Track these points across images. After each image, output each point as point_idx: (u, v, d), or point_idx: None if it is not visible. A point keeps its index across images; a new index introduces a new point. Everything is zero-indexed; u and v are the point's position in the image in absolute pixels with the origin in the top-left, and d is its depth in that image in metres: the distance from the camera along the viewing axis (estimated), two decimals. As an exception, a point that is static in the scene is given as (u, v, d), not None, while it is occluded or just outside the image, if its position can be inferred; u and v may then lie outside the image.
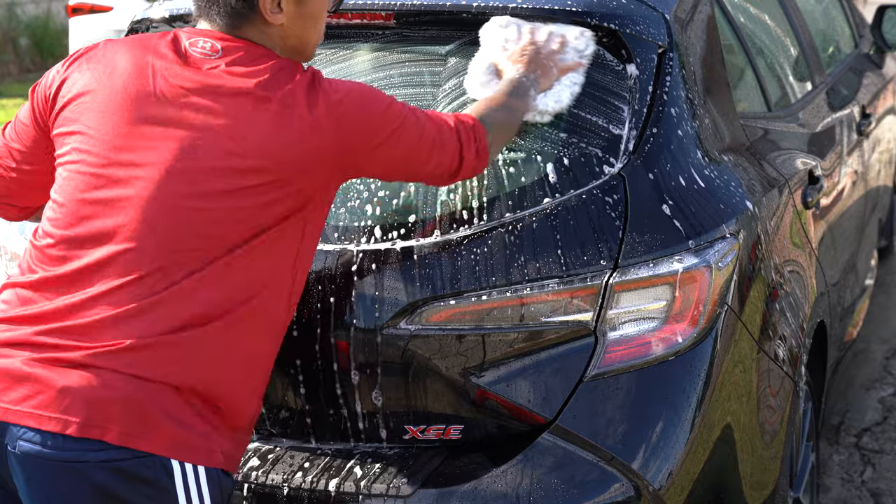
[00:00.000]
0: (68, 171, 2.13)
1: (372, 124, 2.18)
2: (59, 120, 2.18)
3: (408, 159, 2.25)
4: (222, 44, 2.17)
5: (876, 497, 3.66)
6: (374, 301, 2.45)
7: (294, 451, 2.56)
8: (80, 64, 2.22)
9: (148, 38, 2.23)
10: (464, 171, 2.32)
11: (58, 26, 14.17)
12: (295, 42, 2.25)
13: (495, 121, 2.39)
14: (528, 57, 2.53)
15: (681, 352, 2.43)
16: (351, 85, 2.20)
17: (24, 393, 2.01)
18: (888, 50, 5.07)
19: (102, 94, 2.14)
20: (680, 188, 2.54)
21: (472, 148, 2.31)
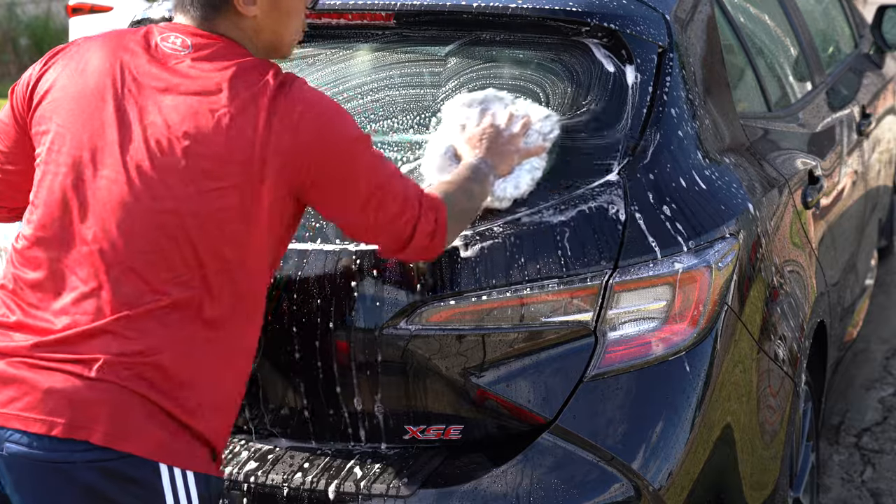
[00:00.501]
0: (42, 172, 2.12)
1: (329, 145, 2.10)
2: (35, 119, 2.17)
3: (358, 201, 2.15)
4: (193, 40, 2.13)
5: (876, 497, 3.66)
6: (374, 301, 2.44)
7: (294, 451, 2.56)
8: (55, 62, 2.19)
9: (122, 34, 2.20)
10: (413, 246, 2.21)
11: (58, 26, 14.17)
12: (269, 37, 2.20)
13: (456, 205, 2.29)
14: (487, 142, 2.45)
15: (681, 352, 2.43)
16: (320, 100, 2.12)
17: (11, 395, 2.01)
18: (888, 50, 5.07)
19: (73, 92, 2.12)
20: (680, 188, 2.54)
21: (431, 223, 2.20)
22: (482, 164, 2.41)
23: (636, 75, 2.61)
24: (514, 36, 2.68)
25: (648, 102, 2.59)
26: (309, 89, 2.12)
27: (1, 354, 2.04)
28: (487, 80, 2.66)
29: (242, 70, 2.10)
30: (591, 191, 2.48)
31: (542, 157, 2.50)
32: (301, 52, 2.79)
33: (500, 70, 2.67)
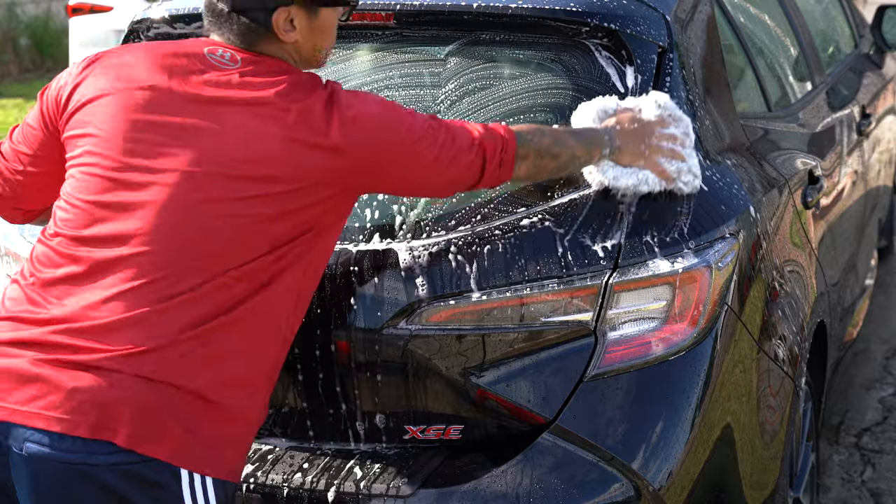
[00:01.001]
0: (81, 173, 2.13)
1: (387, 144, 2.17)
2: (70, 123, 2.18)
3: (423, 177, 2.24)
4: (241, 55, 2.19)
5: (876, 497, 3.66)
6: (374, 301, 2.44)
7: (294, 451, 2.56)
8: (94, 68, 2.21)
9: (165, 45, 2.24)
10: (484, 182, 2.30)
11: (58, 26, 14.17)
12: (308, 53, 2.26)
13: (535, 142, 2.34)
14: (633, 129, 2.48)
15: (681, 352, 2.43)
16: (370, 100, 2.19)
17: (32, 394, 2.00)
18: (888, 50, 5.07)
19: (116, 99, 2.14)
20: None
21: (496, 159, 2.28)
22: (606, 136, 2.44)
23: (636, 75, 2.61)
24: (515, 36, 2.68)
25: (648, 102, 2.59)
26: (354, 93, 2.19)
27: (22, 350, 2.04)
28: (487, 80, 2.66)
29: (291, 82, 2.15)
30: (592, 190, 2.48)
31: (659, 182, 2.46)
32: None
33: (500, 70, 2.67)
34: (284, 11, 2.18)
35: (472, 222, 2.47)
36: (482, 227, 2.45)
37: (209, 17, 2.23)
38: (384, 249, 2.46)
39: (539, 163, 2.35)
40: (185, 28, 2.89)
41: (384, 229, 2.49)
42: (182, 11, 2.87)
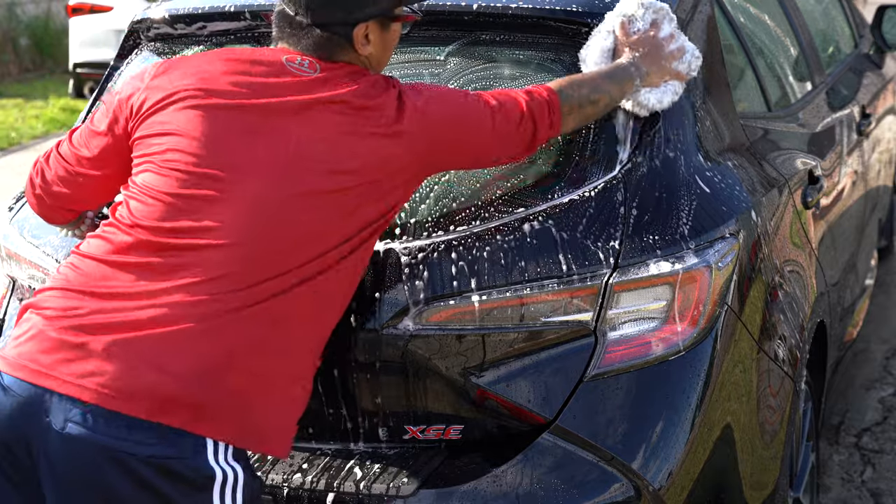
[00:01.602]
0: (162, 167, 2.18)
1: (455, 124, 2.30)
2: (145, 125, 2.25)
3: (484, 150, 2.36)
4: (319, 63, 2.28)
5: (876, 497, 3.66)
6: (374, 301, 2.45)
7: (294, 451, 2.56)
8: (170, 73, 2.28)
9: (242, 52, 2.35)
10: (537, 143, 2.41)
11: (58, 26, 14.19)
12: (376, 63, 2.37)
13: (575, 95, 2.44)
14: (650, 50, 2.58)
15: (681, 352, 2.43)
16: (433, 90, 2.32)
17: (89, 368, 2.03)
18: (888, 50, 5.07)
19: (198, 103, 2.21)
20: (680, 188, 2.54)
21: (546, 122, 2.39)
22: (633, 67, 2.54)
23: (636, 75, 2.61)
24: (515, 36, 2.68)
25: (648, 102, 2.59)
26: (417, 86, 2.32)
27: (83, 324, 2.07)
28: (488, 80, 2.66)
29: (367, 83, 2.26)
30: (592, 190, 2.48)
31: (682, 84, 2.62)
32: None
33: (500, 70, 2.67)
34: (363, 27, 2.29)
35: (472, 222, 2.47)
36: (482, 227, 2.45)
37: (283, 28, 2.32)
38: (384, 249, 2.46)
39: (582, 113, 2.47)
40: (185, 28, 2.89)
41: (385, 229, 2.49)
42: (182, 12, 2.87)
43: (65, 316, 2.09)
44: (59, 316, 2.09)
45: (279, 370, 2.16)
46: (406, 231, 2.49)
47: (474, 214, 2.48)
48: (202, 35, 2.89)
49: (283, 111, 2.21)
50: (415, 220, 2.50)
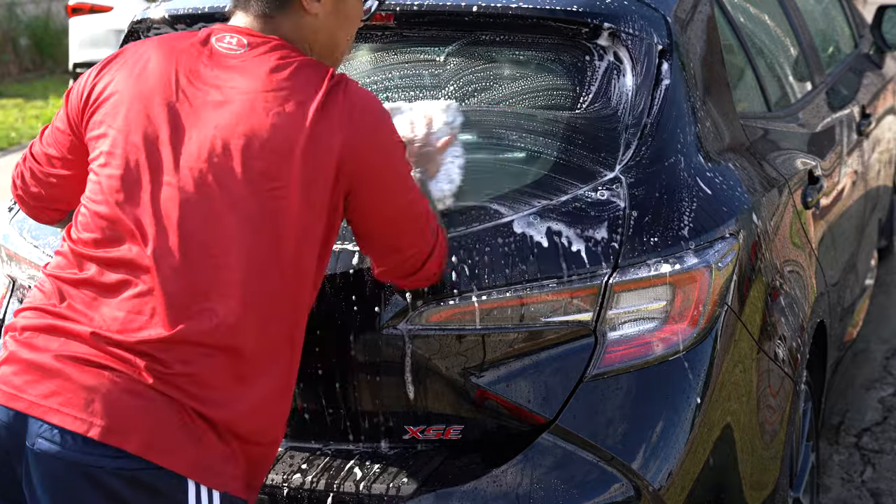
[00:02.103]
0: (98, 175, 2.12)
1: (380, 148, 2.14)
2: (90, 124, 2.17)
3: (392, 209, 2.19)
4: (249, 39, 2.15)
5: (876, 497, 3.66)
6: (374, 301, 2.44)
7: (294, 451, 2.56)
8: (111, 67, 2.20)
9: (178, 37, 2.22)
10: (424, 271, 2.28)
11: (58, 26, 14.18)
12: (325, 40, 2.22)
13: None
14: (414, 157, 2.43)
15: (681, 352, 2.43)
16: (374, 101, 2.16)
17: (52, 389, 2.00)
18: (888, 50, 5.07)
19: (130, 97, 2.13)
20: (680, 188, 2.54)
21: (440, 257, 2.29)
22: (416, 173, 2.38)
23: (636, 75, 2.61)
24: (515, 36, 2.68)
25: (648, 103, 2.60)
26: (364, 90, 2.16)
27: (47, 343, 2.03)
28: (488, 80, 2.66)
29: (298, 69, 2.11)
30: (592, 191, 2.48)
31: (456, 145, 2.46)
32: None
33: (500, 71, 2.67)
34: None
35: (472, 222, 2.47)
36: (482, 226, 2.45)
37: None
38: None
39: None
40: (186, 28, 2.89)
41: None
42: (182, 11, 2.87)
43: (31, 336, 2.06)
44: (26, 338, 2.06)
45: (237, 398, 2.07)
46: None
47: (474, 214, 2.48)
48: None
49: (202, 104, 2.09)
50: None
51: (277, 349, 2.11)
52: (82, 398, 1.98)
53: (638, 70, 2.61)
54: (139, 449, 1.97)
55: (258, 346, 2.07)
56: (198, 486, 2.01)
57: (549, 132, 2.57)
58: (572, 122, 2.57)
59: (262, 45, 2.14)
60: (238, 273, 2.04)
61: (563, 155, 2.54)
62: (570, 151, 2.54)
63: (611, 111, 2.58)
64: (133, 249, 2.05)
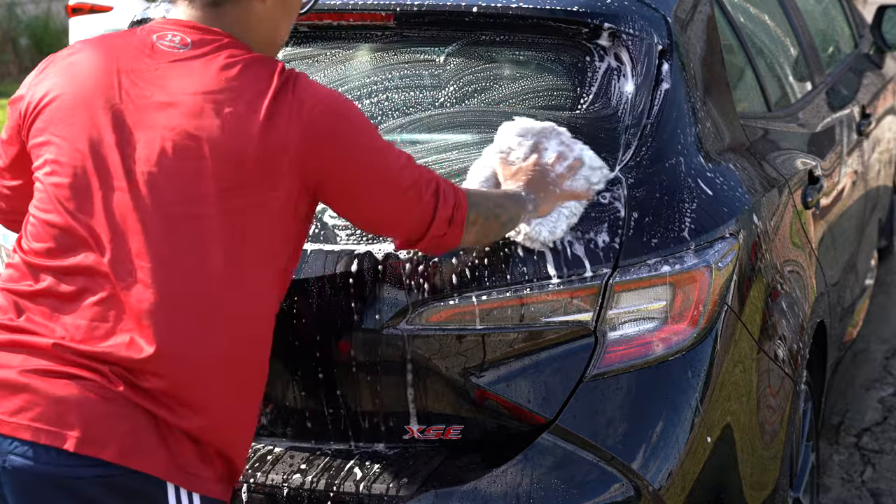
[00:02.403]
0: (44, 184, 2.05)
1: (343, 139, 2.05)
2: (32, 131, 2.09)
3: (374, 197, 2.12)
4: (192, 36, 2.07)
5: (876, 497, 3.66)
6: (374, 301, 2.44)
7: (294, 451, 2.56)
8: (48, 71, 2.13)
9: (117, 36, 2.14)
10: (431, 234, 2.18)
11: (58, 26, 14.17)
12: (268, 31, 2.15)
13: (484, 205, 2.26)
14: (531, 178, 2.40)
15: (681, 352, 2.43)
16: (329, 94, 2.08)
17: (19, 404, 1.95)
18: (888, 50, 5.07)
19: (70, 101, 2.05)
20: (680, 188, 2.54)
21: (449, 208, 2.16)
22: (525, 194, 2.37)
23: (636, 75, 2.61)
24: (515, 37, 2.68)
25: (649, 103, 2.60)
26: (316, 84, 2.08)
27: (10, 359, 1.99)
28: (488, 81, 2.66)
29: (246, 66, 2.04)
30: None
31: (583, 203, 2.43)
32: (301, 53, 2.79)
33: (500, 71, 2.67)
34: None
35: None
36: (482, 227, 2.45)
37: None
38: (385, 249, 2.46)
39: (486, 227, 2.28)
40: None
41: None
42: (182, 11, 2.87)
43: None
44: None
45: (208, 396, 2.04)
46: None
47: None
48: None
49: (144, 104, 2.02)
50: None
51: (244, 352, 2.07)
52: (53, 411, 1.94)
53: (638, 70, 2.62)
54: (116, 456, 1.94)
55: (224, 350, 2.03)
56: (177, 489, 1.99)
57: (549, 132, 2.56)
58: (572, 122, 2.57)
59: (206, 44, 2.06)
60: (197, 276, 2.00)
61: (563, 155, 2.53)
62: (570, 151, 2.54)
63: (611, 111, 2.58)
64: (89, 257, 2.00)
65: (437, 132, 2.62)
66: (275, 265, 2.09)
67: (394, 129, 2.63)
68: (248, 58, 2.06)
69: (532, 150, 2.46)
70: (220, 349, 2.02)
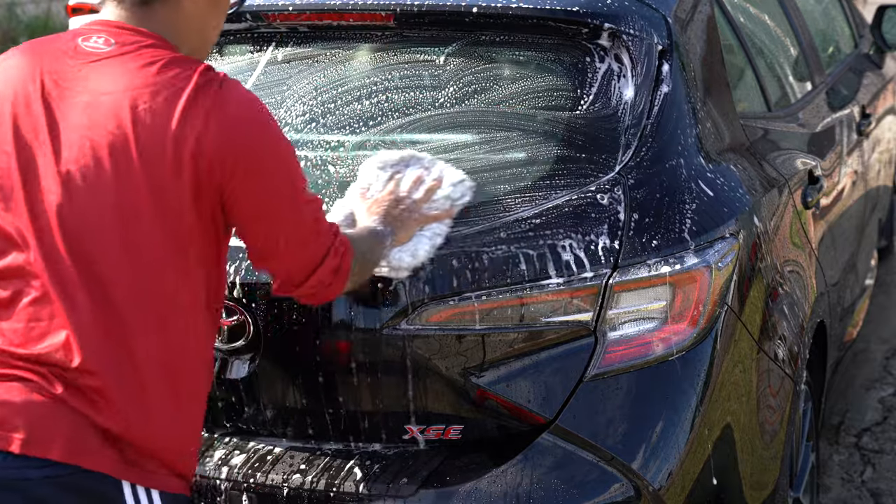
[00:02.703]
0: None
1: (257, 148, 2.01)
2: None
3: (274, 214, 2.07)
4: (117, 37, 2.04)
5: (876, 497, 3.66)
6: (374, 301, 2.44)
7: (294, 451, 2.56)
8: None
9: (45, 40, 2.11)
10: (315, 280, 2.13)
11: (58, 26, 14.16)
12: (196, 30, 2.12)
13: (359, 250, 2.23)
14: (385, 209, 2.39)
15: (681, 352, 2.43)
16: (253, 101, 2.04)
17: None
18: (888, 50, 5.07)
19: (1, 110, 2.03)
20: (680, 188, 2.54)
21: (338, 258, 2.14)
22: (381, 227, 2.35)
23: (636, 76, 2.61)
24: (515, 37, 2.68)
25: (649, 103, 2.60)
26: (241, 89, 2.04)
27: None
28: (488, 81, 2.66)
29: (166, 64, 2.00)
30: (592, 191, 2.48)
31: (446, 223, 2.43)
32: (301, 53, 2.79)
33: (500, 71, 2.67)
34: None
35: (471, 222, 2.47)
36: (482, 226, 2.45)
37: None
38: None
39: (362, 272, 2.27)
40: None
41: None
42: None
43: None
44: None
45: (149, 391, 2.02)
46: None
47: (475, 214, 2.48)
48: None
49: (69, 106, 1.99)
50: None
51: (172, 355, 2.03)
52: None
53: (638, 70, 2.62)
54: (63, 455, 1.92)
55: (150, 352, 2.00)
56: (133, 487, 1.98)
57: (549, 133, 2.57)
58: (572, 122, 2.57)
59: (130, 44, 2.03)
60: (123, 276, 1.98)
61: (563, 155, 2.54)
62: (570, 152, 2.54)
63: (611, 112, 2.58)
64: (19, 257, 1.98)
65: (436, 132, 2.62)
66: (206, 266, 2.06)
67: (394, 130, 2.63)
68: (170, 57, 2.03)
69: (389, 181, 2.45)
70: (148, 351, 1.99)
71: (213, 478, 2.50)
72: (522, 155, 2.57)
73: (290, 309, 2.46)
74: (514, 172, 2.53)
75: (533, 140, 2.56)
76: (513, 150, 2.57)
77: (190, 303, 2.05)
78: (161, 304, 2.01)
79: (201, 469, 2.51)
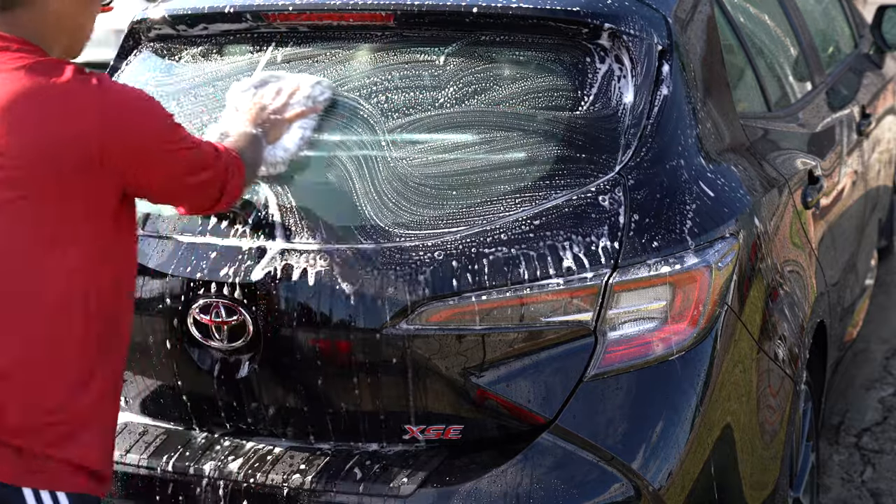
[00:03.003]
0: None
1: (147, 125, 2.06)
2: None
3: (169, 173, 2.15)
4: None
5: (876, 497, 3.66)
6: (374, 301, 2.44)
7: (294, 451, 2.56)
8: None
9: None
10: (222, 203, 2.31)
11: None
12: (69, 28, 2.10)
13: (246, 158, 2.39)
14: (253, 116, 2.57)
15: (681, 352, 2.43)
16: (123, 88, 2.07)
17: None
18: (888, 50, 5.07)
19: None
20: (680, 189, 2.54)
21: (235, 181, 2.30)
22: (252, 129, 2.52)
23: (636, 76, 2.61)
24: (515, 37, 2.68)
25: (649, 103, 2.60)
26: (110, 81, 2.05)
27: None
28: (487, 81, 2.66)
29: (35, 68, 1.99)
30: (592, 191, 2.48)
31: (312, 117, 2.62)
32: (301, 53, 2.79)
33: (500, 71, 2.67)
34: None
35: (472, 222, 2.47)
36: (482, 227, 2.45)
37: None
38: (384, 249, 2.46)
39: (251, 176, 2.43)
40: (187, 30, 2.89)
41: (384, 228, 2.49)
42: (182, 12, 2.87)
43: None
44: None
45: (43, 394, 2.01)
46: (407, 230, 2.49)
47: (475, 214, 2.48)
48: (203, 36, 2.89)
49: None
50: (416, 219, 2.50)
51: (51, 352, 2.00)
52: None
53: (638, 70, 2.62)
54: None
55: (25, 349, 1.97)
56: (36, 493, 1.95)
57: (549, 133, 2.57)
58: (572, 122, 2.57)
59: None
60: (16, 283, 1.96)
61: (563, 156, 2.54)
62: (571, 152, 2.54)
63: (611, 112, 2.58)
64: None
65: (437, 132, 2.62)
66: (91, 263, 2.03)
67: (394, 130, 2.63)
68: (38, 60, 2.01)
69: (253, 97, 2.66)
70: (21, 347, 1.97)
71: (213, 478, 2.50)
72: (522, 155, 2.57)
73: (290, 309, 2.47)
74: (514, 172, 2.53)
75: (533, 140, 2.56)
76: (513, 151, 2.57)
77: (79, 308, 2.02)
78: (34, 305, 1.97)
79: (201, 469, 2.51)
